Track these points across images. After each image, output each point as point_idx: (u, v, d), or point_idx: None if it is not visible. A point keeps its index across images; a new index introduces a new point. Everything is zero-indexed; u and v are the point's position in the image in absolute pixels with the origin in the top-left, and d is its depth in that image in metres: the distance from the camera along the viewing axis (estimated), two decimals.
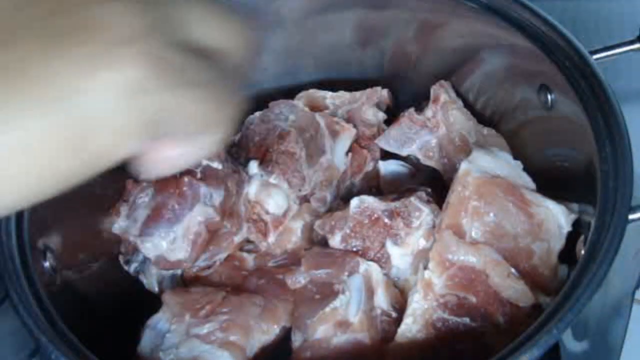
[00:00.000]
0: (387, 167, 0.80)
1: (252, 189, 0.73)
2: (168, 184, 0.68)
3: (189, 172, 0.69)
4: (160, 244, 0.67)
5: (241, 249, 0.75)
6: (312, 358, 0.64)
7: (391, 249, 0.68)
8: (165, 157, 0.39)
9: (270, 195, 0.73)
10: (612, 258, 0.54)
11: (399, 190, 0.74)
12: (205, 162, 0.69)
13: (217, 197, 0.69)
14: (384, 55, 0.83)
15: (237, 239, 0.72)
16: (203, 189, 0.68)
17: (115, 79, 0.33)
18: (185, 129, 0.37)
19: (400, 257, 0.69)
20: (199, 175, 0.69)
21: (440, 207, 0.68)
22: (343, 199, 0.77)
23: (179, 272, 0.72)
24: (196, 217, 0.68)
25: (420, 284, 0.62)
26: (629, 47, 0.67)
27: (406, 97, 0.84)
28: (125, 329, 0.67)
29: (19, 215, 0.62)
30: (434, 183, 0.76)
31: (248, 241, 0.75)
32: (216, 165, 0.70)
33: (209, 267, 0.72)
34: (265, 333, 0.66)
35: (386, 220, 0.69)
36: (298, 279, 0.68)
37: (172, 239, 0.67)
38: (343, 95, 0.82)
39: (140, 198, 0.69)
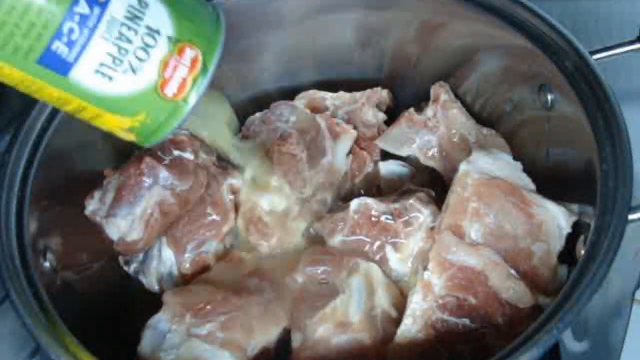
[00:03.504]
0: (387, 168, 0.79)
1: (243, 191, 0.74)
2: (131, 165, 0.69)
3: (154, 155, 0.69)
4: (121, 224, 0.68)
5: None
6: (312, 358, 0.64)
7: (390, 253, 0.69)
8: None
9: (262, 193, 0.73)
10: (612, 258, 0.54)
11: (399, 191, 0.74)
12: (177, 153, 0.70)
13: (180, 185, 0.70)
14: (384, 56, 0.83)
15: (225, 228, 0.73)
16: (163, 173, 0.69)
17: None
18: None
19: (399, 261, 0.69)
20: (165, 161, 0.70)
21: (440, 207, 0.68)
22: (343, 200, 0.77)
23: (175, 272, 0.72)
24: (153, 199, 0.69)
25: (419, 285, 0.62)
26: (629, 47, 0.67)
27: (406, 97, 0.84)
28: (125, 329, 0.67)
29: (19, 215, 0.63)
30: (434, 183, 0.76)
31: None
32: (187, 156, 0.71)
33: (206, 265, 0.72)
34: (266, 333, 0.66)
35: (386, 221, 0.69)
36: (297, 278, 0.68)
37: (131, 220, 0.68)
38: (343, 96, 0.82)
39: (110, 183, 0.70)
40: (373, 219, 0.69)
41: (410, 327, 0.62)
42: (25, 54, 0.44)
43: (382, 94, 0.83)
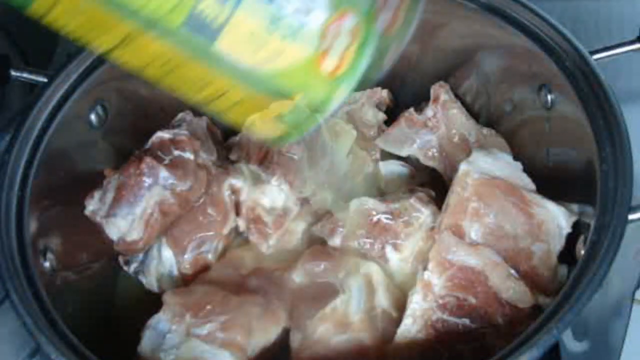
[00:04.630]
0: (387, 168, 0.79)
1: (244, 191, 0.74)
2: (131, 164, 0.69)
3: (154, 156, 0.69)
4: (121, 224, 0.68)
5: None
6: (312, 358, 0.64)
7: (390, 253, 0.68)
8: None
9: (263, 193, 0.73)
10: (612, 258, 0.54)
11: (399, 191, 0.74)
12: (177, 153, 0.70)
13: (180, 185, 0.69)
14: None
15: (226, 228, 0.73)
16: (163, 173, 0.69)
17: None
18: None
19: (399, 261, 0.69)
20: (165, 161, 0.70)
21: (440, 207, 0.68)
22: (343, 200, 0.77)
23: (175, 272, 0.72)
24: (153, 199, 0.68)
25: (419, 285, 0.62)
26: (629, 47, 0.67)
27: (406, 97, 0.84)
28: (125, 329, 0.67)
29: (19, 215, 0.63)
30: (434, 183, 0.76)
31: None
32: (187, 156, 0.71)
33: (206, 265, 0.72)
34: (266, 333, 0.66)
35: (386, 221, 0.69)
36: (296, 277, 0.68)
37: (131, 220, 0.68)
38: None
39: (110, 183, 0.70)
40: (373, 219, 0.69)
41: (410, 327, 0.62)
42: (167, 15, 0.36)
43: (382, 94, 0.82)
